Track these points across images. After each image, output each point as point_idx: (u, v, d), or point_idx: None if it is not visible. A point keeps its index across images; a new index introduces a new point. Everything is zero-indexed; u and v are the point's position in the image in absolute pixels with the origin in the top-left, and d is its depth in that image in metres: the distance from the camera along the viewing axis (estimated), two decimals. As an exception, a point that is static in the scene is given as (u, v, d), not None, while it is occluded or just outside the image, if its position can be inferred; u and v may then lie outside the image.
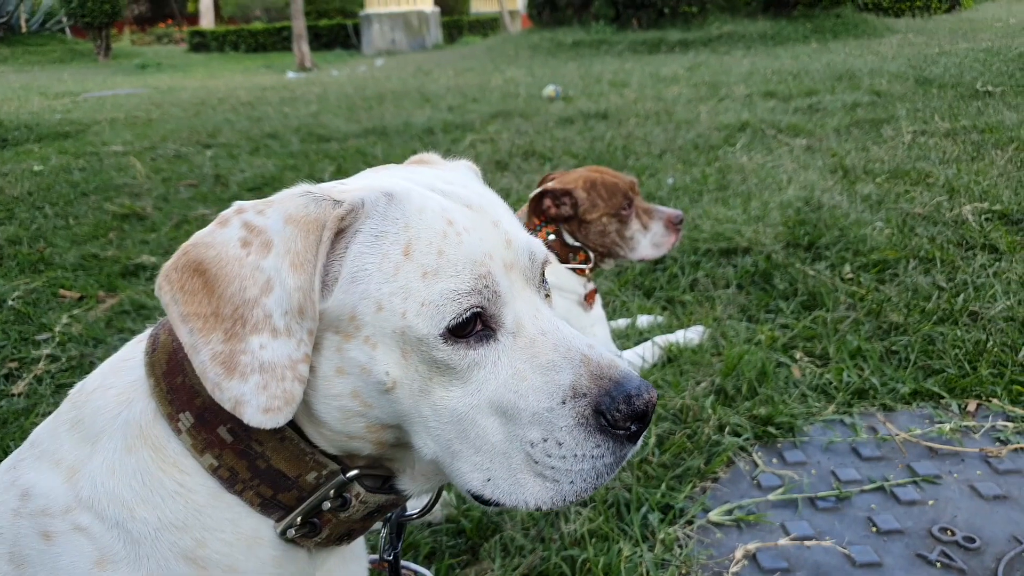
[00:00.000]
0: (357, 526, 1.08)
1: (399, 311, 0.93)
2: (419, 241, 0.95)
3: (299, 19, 24.14)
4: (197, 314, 0.89)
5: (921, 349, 2.88)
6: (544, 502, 0.98)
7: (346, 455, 1.03)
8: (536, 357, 0.98)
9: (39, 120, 10.60)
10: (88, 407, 1.01)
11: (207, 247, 0.91)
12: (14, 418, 2.75)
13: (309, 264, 0.90)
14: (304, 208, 0.93)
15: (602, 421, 0.96)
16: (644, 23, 20.02)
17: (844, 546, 2.03)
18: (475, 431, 0.97)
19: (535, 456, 0.96)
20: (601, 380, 0.97)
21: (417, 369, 0.95)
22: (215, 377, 0.88)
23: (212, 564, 0.97)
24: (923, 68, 10.03)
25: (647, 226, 2.94)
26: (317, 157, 7.24)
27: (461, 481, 0.99)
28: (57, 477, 0.97)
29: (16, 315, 3.64)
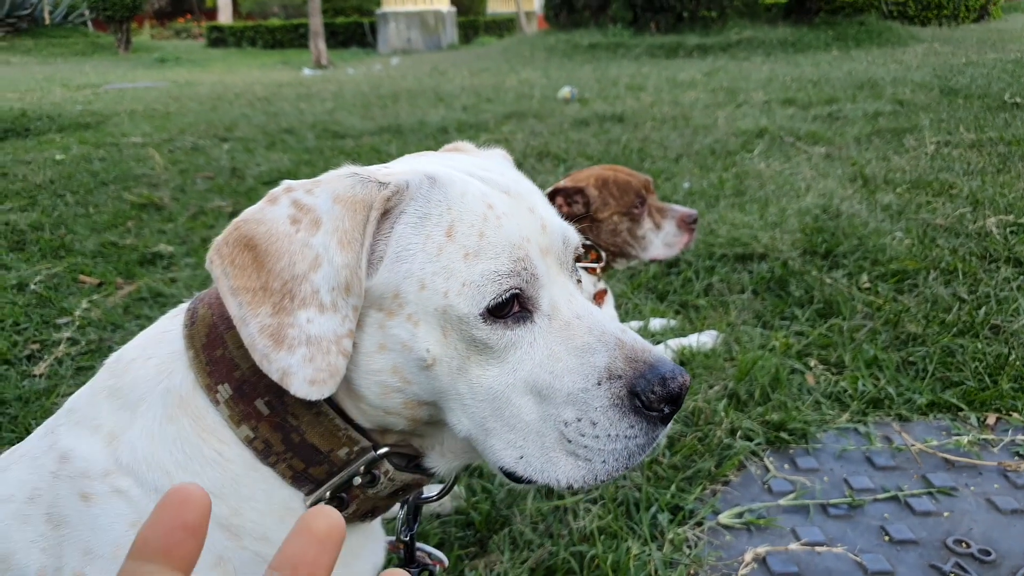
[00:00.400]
0: (382, 503, 1.10)
1: (441, 290, 0.95)
2: (461, 223, 0.98)
3: (316, 16, 24.22)
4: (246, 288, 0.90)
5: (940, 361, 2.85)
6: (576, 480, 0.99)
7: (379, 431, 1.05)
8: (571, 339, 1.00)
9: (61, 111, 10.70)
10: (127, 376, 1.04)
11: (257, 223, 0.93)
12: (35, 398, 2.78)
13: (356, 242, 0.92)
14: (351, 189, 0.95)
15: (636, 403, 0.98)
16: (662, 27, 19.98)
17: (856, 554, 2.01)
18: (510, 409, 0.99)
19: (568, 435, 0.98)
20: (636, 363, 0.99)
21: (456, 347, 0.97)
22: (263, 348, 0.89)
23: (245, 533, 0.99)
24: (949, 78, 9.96)
25: (660, 225, 2.91)
26: (332, 153, 7.27)
27: (494, 458, 1.01)
28: (97, 442, 0.99)
29: (38, 299, 3.68)
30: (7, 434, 2.59)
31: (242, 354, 0.99)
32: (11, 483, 1.01)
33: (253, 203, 3.75)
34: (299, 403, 0.99)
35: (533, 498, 2.19)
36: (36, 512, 0.97)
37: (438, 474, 1.12)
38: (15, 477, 1.01)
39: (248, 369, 0.99)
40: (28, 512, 0.97)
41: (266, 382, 0.98)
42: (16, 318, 3.47)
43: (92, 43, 29.96)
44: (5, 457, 1.08)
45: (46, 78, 17.77)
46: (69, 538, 0.94)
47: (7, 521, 0.97)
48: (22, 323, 3.44)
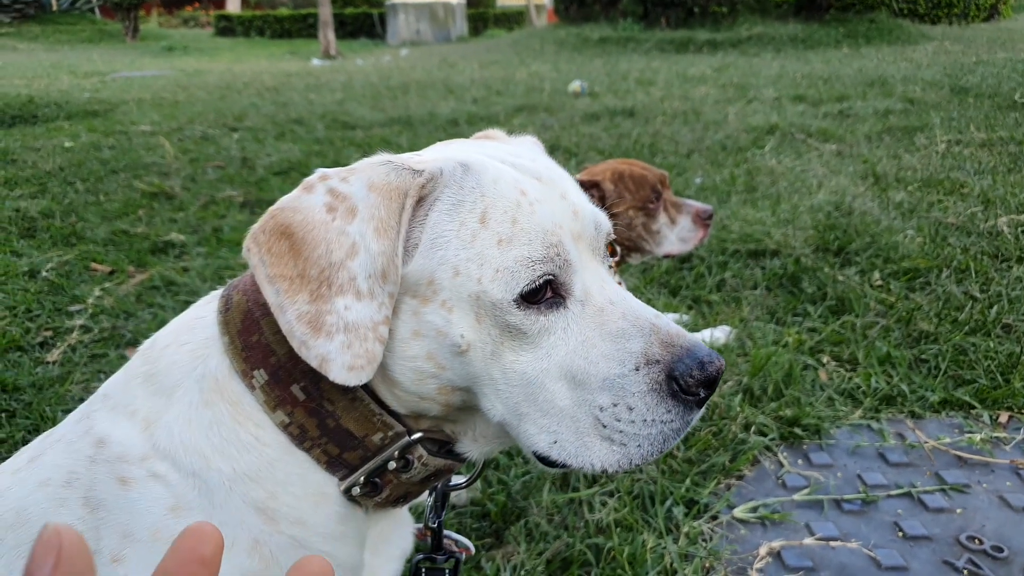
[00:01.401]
0: (414, 489, 1.10)
1: (475, 276, 0.95)
2: (495, 210, 0.98)
3: (325, 6, 24.19)
4: (283, 275, 0.91)
5: (952, 358, 2.85)
6: (611, 464, 1.00)
7: (413, 417, 1.05)
8: (605, 325, 1.00)
9: (69, 98, 10.71)
10: (162, 362, 1.04)
11: (294, 211, 0.93)
12: (49, 384, 2.79)
13: (392, 230, 0.93)
14: (386, 176, 0.95)
15: (674, 387, 0.98)
16: (672, 22, 19.93)
17: (870, 549, 2.02)
18: (543, 395, 0.99)
19: (604, 420, 0.98)
20: (672, 347, 0.99)
21: (490, 333, 0.97)
22: (302, 335, 0.90)
23: (281, 516, 0.99)
24: (959, 77, 9.92)
25: (675, 220, 2.90)
26: (342, 144, 7.27)
27: (528, 442, 1.01)
28: (133, 427, 0.99)
29: (50, 286, 3.69)
30: (22, 420, 2.60)
31: (278, 340, 1.00)
32: (48, 467, 1.01)
33: (264, 193, 3.77)
34: (335, 389, 0.99)
35: (548, 490, 2.20)
36: (73, 496, 0.97)
37: (470, 459, 1.12)
38: (51, 461, 1.02)
39: (284, 355, 1.00)
40: (65, 496, 0.98)
41: (302, 368, 0.99)
42: (29, 305, 3.48)
43: (99, 30, 29.95)
44: (39, 442, 1.09)
45: (53, 65, 17.78)
46: (107, 521, 0.95)
47: (44, 504, 0.98)
48: (35, 310, 3.45)
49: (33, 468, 1.03)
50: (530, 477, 2.26)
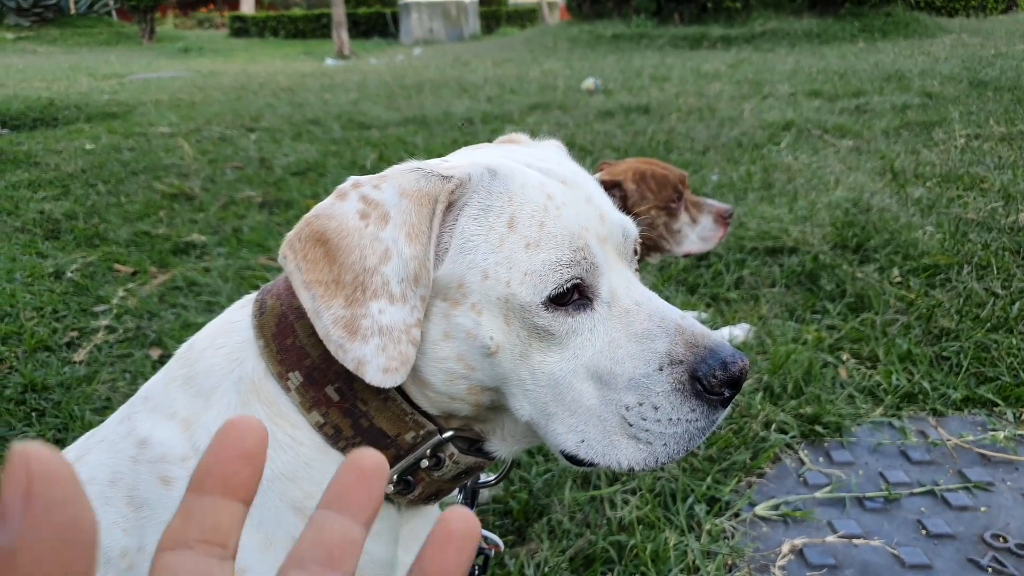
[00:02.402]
0: (446, 486, 1.12)
1: (504, 280, 0.98)
2: (522, 214, 1.00)
3: (339, 6, 24.26)
4: (319, 281, 0.93)
5: (974, 356, 2.84)
6: (637, 463, 1.02)
7: (444, 416, 1.07)
8: (631, 326, 1.02)
9: (88, 100, 10.82)
10: (200, 365, 1.07)
11: (328, 218, 0.96)
12: (76, 384, 2.84)
13: (424, 235, 0.95)
14: (416, 183, 0.98)
15: (698, 387, 0.99)
16: (686, 18, 19.85)
17: (893, 547, 2.02)
18: (571, 395, 1.01)
19: (630, 419, 1.00)
20: (696, 348, 1.00)
21: (518, 335, 0.99)
22: (338, 339, 0.92)
23: None
24: (978, 70, 9.83)
25: (696, 220, 2.90)
26: (359, 144, 7.31)
27: (555, 441, 1.03)
28: (174, 428, 1.02)
29: (75, 287, 3.75)
30: (51, 419, 2.65)
31: (312, 343, 1.02)
32: (92, 466, 1.04)
33: (282, 194, 3.81)
34: (368, 389, 1.01)
35: (570, 488, 2.22)
36: (117, 495, 1.00)
37: (499, 458, 1.14)
38: (96, 460, 1.05)
39: (318, 357, 1.02)
40: (109, 495, 1.00)
41: (335, 369, 1.01)
42: (55, 306, 3.54)
43: (116, 33, 30.21)
44: (83, 442, 1.12)
45: (72, 68, 17.97)
46: (151, 520, 0.98)
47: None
48: (61, 311, 3.51)
49: (78, 468, 1.05)
50: (551, 475, 2.28)
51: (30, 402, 2.75)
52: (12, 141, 7.51)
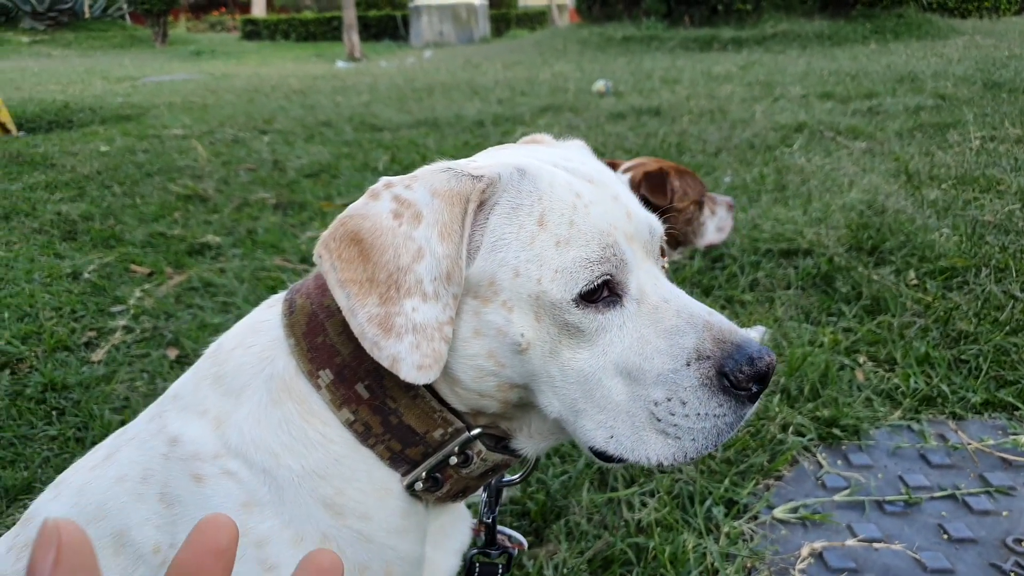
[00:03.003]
0: (473, 483, 1.13)
1: (535, 277, 0.98)
2: (552, 213, 1.01)
3: (350, 9, 24.38)
4: (353, 280, 0.94)
5: (993, 359, 2.83)
6: (666, 458, 1.02)
7: (472, 413, 1.08)
8: (660, 322, 1.03)
9: (102, 103, 10.91)
10: (230, 364, 1.08)
11: (363, 218, 0.97)
12: (95, 383, 2.86)
13: (456, 234, 0.96)
14: (447, 182, 0.99)
15: (725, 382, 0.99)
16: (696, 20, 19.81)
17: (914, 551, 2.01)
18: (600, 391, 1.02)
19: (658, 414, 1.01)
20: (724, 344, 1.01)
21: (548, 331, 1.00)
22: (373, 337, 0.93)
23: (348, 511, 1.02)
24: (992, 71, 9.77)
25: (714, 211, 2.97)
26: (371, 146, 7.33)
27: (584, 438, 1.04)
28: (205, 426, 1.03)
29: (92, 287, 3.78)
30: (71, 418, 2.67)
31: (342, 341, 1.03)
32: (124, 463, 1.05)
33: (296, 195, 3.84)
34: (397, 386, 1.03)
35: (587, 489, 2.22)
36: (150, 491, 1.01)
37: (525, 455, 1.15)
38: (127, 458, 1.06)
39: (348, 355, 1.03)
40: (142, 491, 1.01)
41: (365, 367, 1.02)
42: (73, 306, 3.56)
43: (130, 36, 30.44)
44: (115, 439, 1.13)
45: (86, 71, 18.12)
46: (183, 516, 0.99)
47: (123, 499, 1.02)
48: (79, 311, 3.53)
49: (110, 465, 1.07)
50: (569, 476, 2.28)
51: (50, 401, 2.77)
52: (28, 143, 7.58)
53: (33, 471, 2.38)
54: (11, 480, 2.31)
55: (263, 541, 0.98)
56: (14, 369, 3.02)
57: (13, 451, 2.49)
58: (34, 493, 2.28)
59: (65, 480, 1.11)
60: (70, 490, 1.08)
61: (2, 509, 2.23)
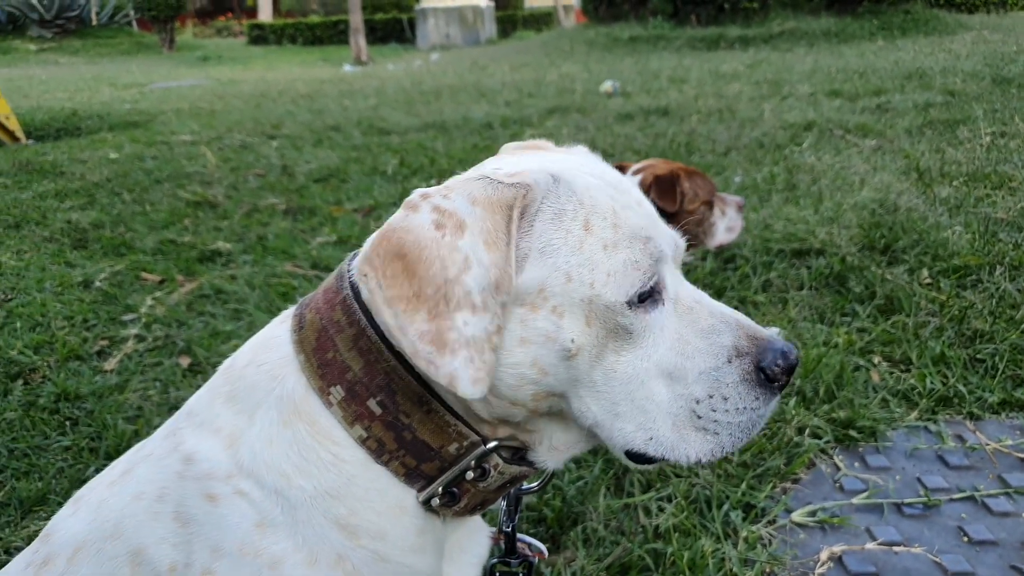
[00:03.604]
0: (491, 496, 1.12)
1: (587, 281, 0.99)
2: (595, 217, 1.02)
3: (356, 13, 24.41)
4: (400, 297, 0.91)
5: (1010, 358, 2.80)
6: (705, 454, 1.05)
7: (494, 424, 1.07)
8: (696, 323, 1.06)
9: (110, 109, 10.96)
10: (242, 382, 1.07)
11: (405, 231, 0.93)
12: (108, 393, 2.86)
13: (501, 241, 0.95)
14: (486, 190, 0.98)
15: (761, 376, 1.05)
16: (703, 19, 19.76)
17: (934, 554, 1.99)
18: (642, 392, 1.04)
19: (699, 412, 1.04)
20: (757, 340, 1.06)
21: (597, 336, 1.01)
22: (427, 355, 0.90)
23: (362, 531, 1.01)
24: (1000, 67, 9.70)
25: (724, 211, 2.97)
26: (379, 150, 7.34)
27: (622, 441, 1.05)
28: (218, 444, 1.02)
29: (104, 296, 3.79)
30: (85, 428, 2.67)
31: (353, 356, 1.02)
32: (141, 481, 1.05)
33: (305, 200, 3.85)
34: (410, 401, 1.01)
35: (604, 495, 2.20)
36: (165, 510, 1.01)
37: (543, 467, 1.14)
38: (143, 475, 1.05)
39: (360, 370, 1.02)
40: (158, 510, 1.01)
41: (377, 382, 1.01)
42: (85, 315, 3.57)
43: (137, 42, 30.59)
44: (131, 455, 1.12)
45: (94, 77, 18.21)
46: (198, 535, 0.98)
47: (140, 517, 1.01)
48: (91, 320, 3.54)
49: (127, 482, 1.07)
50: (585, 482, 2.27)
51: (64, 411, 2.77)
52: (37, 151, 7.62)
53: (47, 482, 2.38)
54: (25, 491, 2.32)
55: (277, 562, 0.97)
56: (27, 379, 3.03)
57: (27, 462, 2.50)
58: (48, 504, 2.28)
59: (83, 496, 1.11)
60: (88, 507, 1.08)
61: (17, 520, 2.24)
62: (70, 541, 1.05)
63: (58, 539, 1.07)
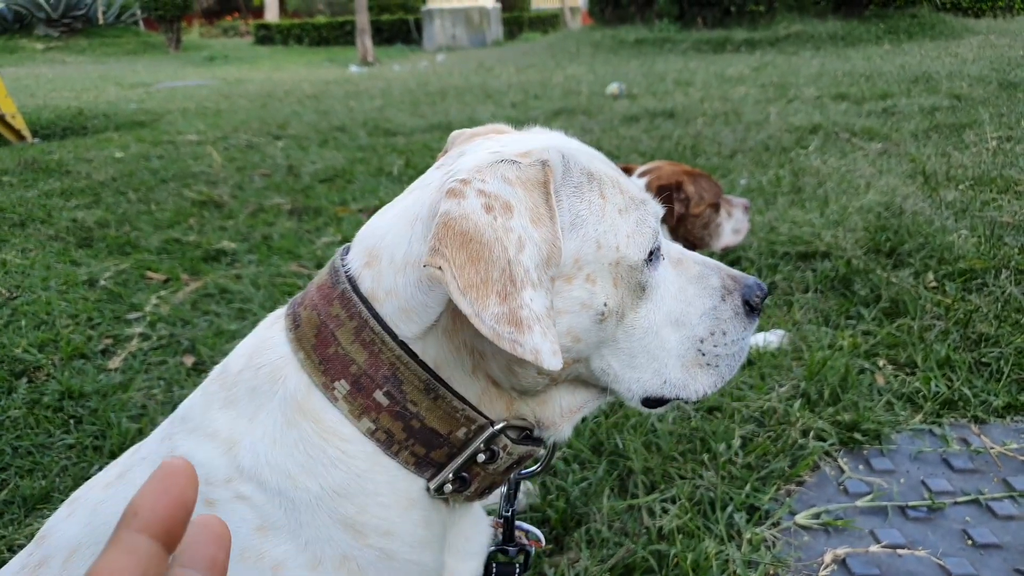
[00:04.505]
0: (499, 479, 1.13)
1: (613, 245, 1.05)
2: (605, 185, 1.08)
3: (363, 14, 24.48)
4: (471, 284, 0.90)
5: (1015, 362, 2.79)
6: (709, 387, 1.17)
7: (511, 399, 1.09)
8: (687, 271, 1.19)
9: (116, 109, 10.99)
10: (240, 387, 1.05)
11: (463, 219, 0.92)
12: (112, 391, 2.86)
13: (546, 217, 0.97)
14: (516, 170, 0.99)
15: (747, 307, 1.20)
16: (709, 22, 19.75)
17: (939, 557, 1.98)
18: (657, 341, 1.13)
19: (704, 349, 1.17)
20: (736, 278, 1.21)
21: (623, 296, 1.08)
22: (510, 335, 0.90)
23: (370, 529, 1.00)
24: (1007, 71, 9.67)
25: (731, 213, 2.96)
26: (385, 151, 7.34)
27: (640, 389, 1.14)
28: (215, 449, 1.01)
29: (108, 294, 3.79)
30: (89, 426, 2.68)
31: (356, 349, 1.01)
32: (136, 484, 1.03)
33: (311, 201, 3.86)
34: (417, 390, 1.01)
35: (608, 496, 2.20)
36: None
37: (551, 440, 1.17)
38: (140, 479, 1.04)
39: (364, 362, 1.00)
40: None
41: (383, 373, 1.00)
42: (89, 313, 3.58)
43: (143, 42, 30.68)
44: (128, 457, 1.12)
45: (100, 77, 18.27)
46: None
47: None
48: (95, 318, 3.55)
49: (123, 484, 1.06)
50: (589, 483, 2.26)
51: (67, 409, 2.78)
52: (43, 150, 7.64)
53: (51, 480, 2.38)
54: (29, 490, 2.32)
55: (279, 565, 0.96)
56: (31, 377, 3.03)
57: (31, 460, 2.50)
58: (52, 502, 2.29)
59: (80, 497, 1.10)
60: (84, 509, 1.07)
61: (20, 519, 2.24)
62: (65, 544, 1.04)
63: (53, 542, 1.06)
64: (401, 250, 1.03)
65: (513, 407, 1.09)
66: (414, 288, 1.01)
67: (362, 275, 1.05)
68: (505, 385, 1.06)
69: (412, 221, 1.04)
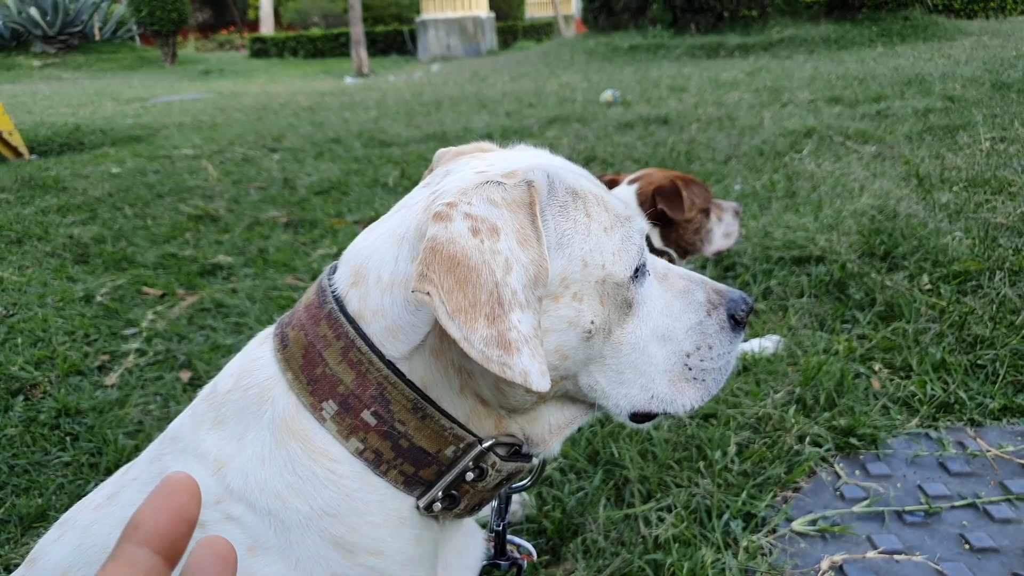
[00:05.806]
0: (488, 495, 1.13)
1: (599, 263, 1.06)
2: (590, 204, 1.09)
3: (357, 25, 24.54)
4: (459, 308, 0.91)
5: (1010, 364, 2.79)
6: (696, 401, 1.17)
7: (500, 416, 1.09)
8: (673, 286, 1.20)
9: (112, 124, 11.01)
10: (228, 407, 1.05)
11: (450, 243, 0.93)
12: (109, 408, 2.86)
13: (532, 238, 0.98)
14: (501, 191, 1.00)
15: (732, 322, 1.20)
16: (702, 27, 19.81)
17: (936, 562, 1.98)
18: (643, 357, 1.13)
19: (690, 364, 1.17)
20: (721, 292, 1.22)
21: (609, 313, 1.08)
22: (499, 358, 0.91)
23: (360, 548, 1.00)
24: (1000, 72, 9.71)
25: (721, 218, 2.98)
26: (380, 162, 7.36)
27: (628, 404, 1.14)
28: (204, 470, 1.00)
29: (105, 310, 3.79)
30: (85, 443, 2.68)
31: (343, 369, 1.01)
32: (126, 506, 1.04)
33: (306, 213, 3.86)
34: (405, 409, 1.01)
35: (603, 506, 2.20)
36: None
37: (538, 457, 1.17)
38: (129, 500, 1.04)
39: (352, 383, 1.01)
40: None
41: (371, 393, 1.00)
42: (86, 330, 3.58)
43: (139, 57, 30.75)
44: (118, 478, 1.12)
45: (97, 92, 18.31)
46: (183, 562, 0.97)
47: None
48: (92, 335, 3.55)
49: (113, 506, 1.06)
50: (585, 493, 2.26)
51: (64, 426, 2.78)
52: (40, 167, 7.65)
53: (47, 498, 2.38)
54: (25, 508, 2.32)
55: None
56: (27, 395, 3.03)
57: (27, 478, 2.50)
58: (48, 521, 2.28)
59: (70, 520, 1.10)
60: (74, 531, 1.07)
61: (17, 537, 2.23)
62: (55, 567, 1.04)
63: (43, 564, 1.06)
64: (388, 270, 1.04)
65: (502, 425, 1.09)
66: (401, 308, 1.02)
67: (349, 295, 1.05)
68: (493, 403, 1.06)
69: (398, 241, 1.05)
